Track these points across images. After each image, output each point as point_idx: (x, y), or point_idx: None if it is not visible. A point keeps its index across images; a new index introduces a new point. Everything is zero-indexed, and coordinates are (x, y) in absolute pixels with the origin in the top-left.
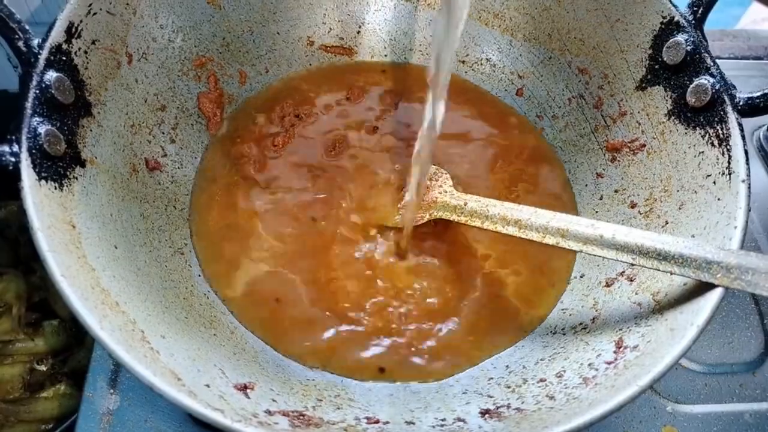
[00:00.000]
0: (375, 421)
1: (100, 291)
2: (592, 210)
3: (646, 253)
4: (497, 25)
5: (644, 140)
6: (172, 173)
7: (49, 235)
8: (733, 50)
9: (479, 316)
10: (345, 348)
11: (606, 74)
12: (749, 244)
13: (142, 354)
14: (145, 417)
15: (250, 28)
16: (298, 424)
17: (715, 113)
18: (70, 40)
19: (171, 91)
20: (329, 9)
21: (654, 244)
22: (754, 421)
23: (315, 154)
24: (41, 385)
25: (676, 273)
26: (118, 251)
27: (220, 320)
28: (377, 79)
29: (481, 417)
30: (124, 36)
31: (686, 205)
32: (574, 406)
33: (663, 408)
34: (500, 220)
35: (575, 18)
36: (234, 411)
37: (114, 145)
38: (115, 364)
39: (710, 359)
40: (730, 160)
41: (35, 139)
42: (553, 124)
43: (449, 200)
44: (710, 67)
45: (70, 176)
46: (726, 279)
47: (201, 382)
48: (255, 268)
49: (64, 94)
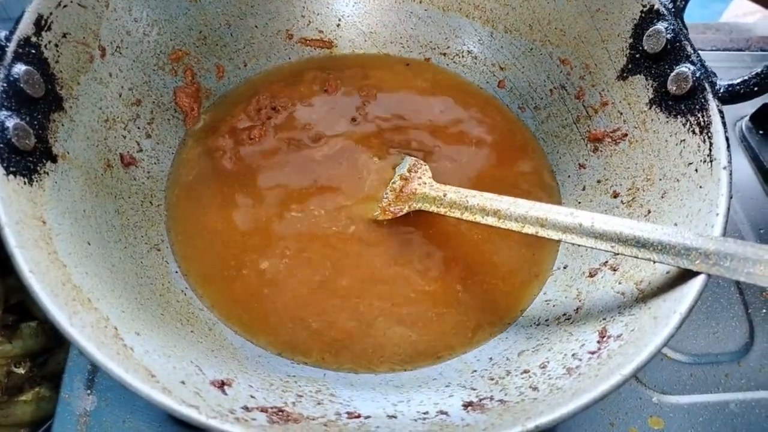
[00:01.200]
0: (356, 416)
1: (72, 287)
2: (575, 201)
3: (626, 241)
4: (478, 16)
5: (626, 130)
6: (148, 169)
7: (18, 231)
8: (715, 43)
9: (462, 308)
10: (325, 340)
11: (587, 64)
12: (733, 234)
13: (114, 351)
14: (123, 417)
15: (227, 21)
16: (277, 419)
17: (696, 101)
18: (39, 32)
19: (146, 85)
20: (308, 1)
21: (633, 232)
22: (740, 410)
23: (292, 147)
24: (20, 389)
25: (655, 260)
26: (91, 248)
27: (197, 316)
28: (356, 71)
29: (464, 409)
30: (96, 29)
31: (669, 193)
32: (557, 397)
33: (649, 399)
34: (479, 211)
35: (556, 8)
36: (210, 407)
37: (87, 141)
38: (91, 365)
39: (695, 350)
40: (711, 147)
41: (2, 133)
42: (535, 115)
43: (428, 191)
44: (690, 55)
45: (41, 171)
46: (704, 265)
47: (176, 379)
48: (233, 263)
49: (33, 88)
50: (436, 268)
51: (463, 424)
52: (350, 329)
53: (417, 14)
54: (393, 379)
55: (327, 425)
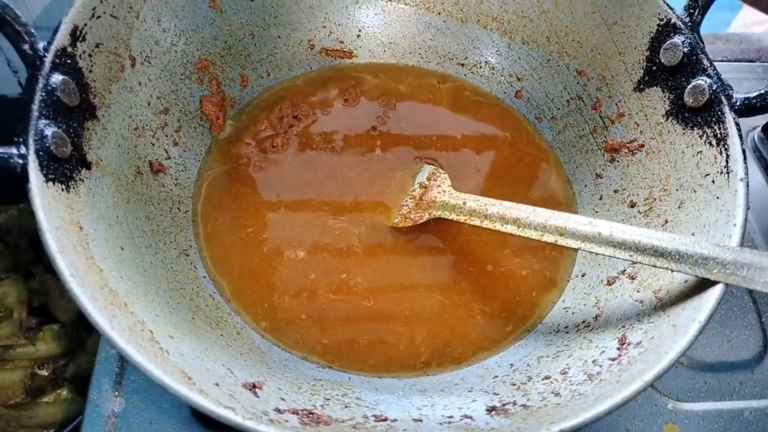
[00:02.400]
0: (383, 419)
1: (109, 292)
2: (592, 210)
3: (644, 250)
4: (496, 28)
5: (643, 140)
6: (175, 176)
7: (58, 237)
8: (725, 53)
9: (481, 314)
10: (351, 346)
11: (604, 76)
12: (746, 242)
13: (152, 354)
14: (150, 419)
15: (251, 31)
16: (308, 422)
17: (712, 113)
18: (74, 43)
19: (174, 94)
20: (330, 13)
21: (651, 241)
22: (754, 418)
23: (313, 155)
24: (42, 390)
25: (673, 269)
26: (124, 253)
27: (226, 321)
28: (376, 80)
29: (488, 414)
30: (127, 39)
31: (685, 203)
32: (579, 402)
33: (664, 406)
34: (499, 219)
35: (573, 21)
36: (245, 409)
37: (118, 148)
38: (119, 367)
39: (710, 358)
40: (728, 159)
41: (42, 141)
42: (552, 125)
43: (448, 199)
44: (707, 68)
45: (77, 178)
46: (722, 275)
47: (210, 381)
48: (259, 268)
49: (69, 97)
50: (456, 276)
51: (489, 428)
52: (373, 334)
53: (436, 25)
54: (416, 383)
55: (356, 427)
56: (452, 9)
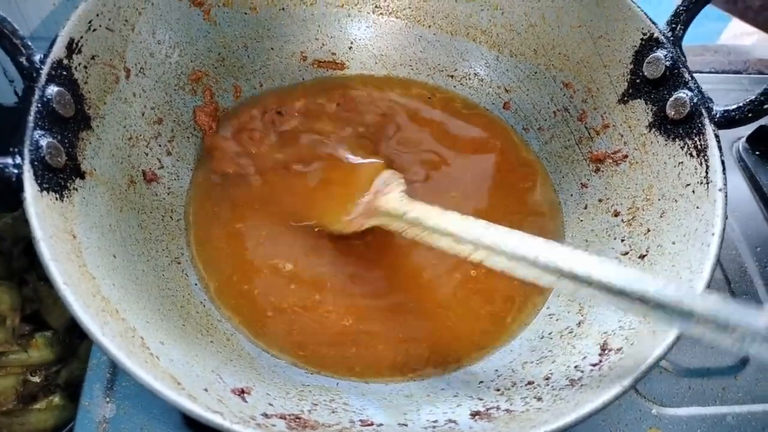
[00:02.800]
0: (369, 424)
1: (101, 299)
2: (577, 219)
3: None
4: (484, 41)
5: (626, 151)
6: (168, 185)
7: (52, 245)
8: (713, 65)
9: (468, 321)
10: (338, 353)
11: (589, 88)
12: (730, 252)
13: (143, 359)
14: (141, 424)
15: (245, 43)
16: (295, 426)
17: (693, 125)
18: (70, 55)
19: (168, 104)
20: (322, 25)
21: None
22: (736, 423)
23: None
24: (34, 397)
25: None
26: (117, 260)
27: (216, 327)
28: (367, 91)
29: (472, 418)
30: (122, 51)
31: (667, 213)
32: (561, 407)
33: (648, 411)
34: (437, 232)
35: (559, 35)
36: (232, 413)
37: (112, 158)
38: (111, 373)
39: (693, 363)
40: (707, 169)
41: (37, 152)
42: (539, 136)
43: (393, 206)
44: (688, 82)
45: (71, 187)
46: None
47: (200, 386)
48: (248, 276)
49: (64, 108)
50: (440, 281)
51: None
52: (360, 343)
53: (426, 38)
54: (403, 389)
55: None
56: (442, 22)
